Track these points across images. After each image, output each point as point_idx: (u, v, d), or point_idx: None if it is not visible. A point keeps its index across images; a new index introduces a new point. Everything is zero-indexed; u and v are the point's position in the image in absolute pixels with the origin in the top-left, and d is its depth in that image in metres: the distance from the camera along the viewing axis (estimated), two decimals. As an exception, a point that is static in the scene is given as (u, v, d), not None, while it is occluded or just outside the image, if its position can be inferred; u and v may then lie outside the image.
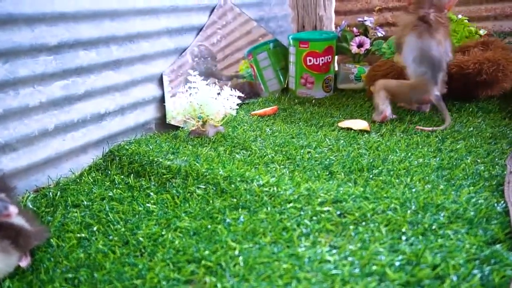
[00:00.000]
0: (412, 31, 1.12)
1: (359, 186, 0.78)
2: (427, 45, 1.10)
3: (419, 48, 1.11)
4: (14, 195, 0.75)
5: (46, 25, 0.90)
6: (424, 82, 1.11)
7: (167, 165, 0.90)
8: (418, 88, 1.12)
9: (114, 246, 0.66)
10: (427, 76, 1.10)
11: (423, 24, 1.11)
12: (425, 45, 1.10)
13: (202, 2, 1.31)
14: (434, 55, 1.10)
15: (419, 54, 1.11)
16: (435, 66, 1.10)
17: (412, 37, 1.12)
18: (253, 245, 0.63)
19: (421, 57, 1.11)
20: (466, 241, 0.58)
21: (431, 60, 1.10)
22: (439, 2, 1.11)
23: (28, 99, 0.89)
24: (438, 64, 1.10)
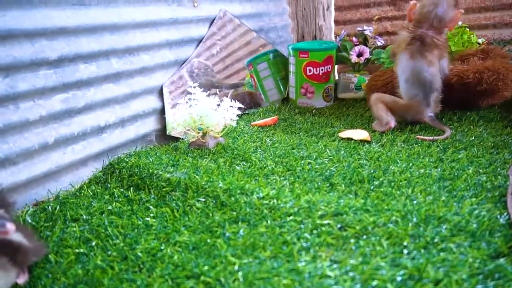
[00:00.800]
0: (405, 50, 1.12)
1: (359, 198, 0.77)
2: (418, 66, 1.10)
3: (410, 69, 1.11)
4: (13, 210, 0.75)
5: (46, 39, 0.91)
6: (416, 103, 1.11)
7: (167, 177, 0.89)
8: (411, 109, 1.12)
9: (113, 262, 0.66)
10: (419, 97, 1.11)
11: (417, 43, 1.11)
12: (416, 65, 1.10)
13: (201, 14, 1.32)
14: (425, 77, 1.10)
15: (411, 75, 1.11)
16: (427, 87, 1.10)
17: (404, 56, 1.13)
18: (253, 260, 0.62)
19: (412, 78, 1.11)
20: (469, 255, 0.57)
21: (423, 81, 1.10)
22: (438, 24, 1.11)
23: (28, 113, 0.89)
24: (430, 85, 1.10)
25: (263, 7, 1.61)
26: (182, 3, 1.25)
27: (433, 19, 1.10)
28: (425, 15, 1.11)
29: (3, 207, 0.67)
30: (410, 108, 1.13)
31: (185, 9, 1.26)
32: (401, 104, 1.14)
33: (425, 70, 1.10)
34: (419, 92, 1.10)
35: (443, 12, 1.09)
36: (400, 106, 1.14)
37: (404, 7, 1.65)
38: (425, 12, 1.11)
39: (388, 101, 1.15)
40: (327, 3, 1.75)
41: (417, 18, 1.13)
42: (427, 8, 1.10)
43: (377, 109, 1.15)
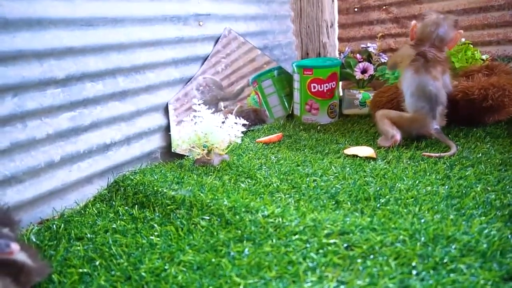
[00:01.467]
0: (409, 66, 1.14)
1: (366, 216, 0.76)
2: (423, 80, 1.12)
3: (416, 83, 1.12)
4: (18, 228, 0.75)
5: (55, 59, 0.93)
6: (422, 116, 1.12)
7: (172, 195, 0.89)
8: (417, 122, 1.13)
9: (116, 282, 0.65)
10: (425, 110, 1.11)
11: (421, 60, 1.13)
12: (421, 80, 1.12)
13: (206, 33, 1.34)
14: (431, 90, 1.11)
15: (416, 89, 1.12)
16: (432, 100, 1.11)
17: (409, 72, 1.14)
18: (258, 280, 0.61)
19: (418, 92, 1.12)
20: (480, 277, 0.55)
21: (429, 95, 1.11)
22: (439, 43, 1.14)
23: (36, 131, 0.90)
24: (435, 99, 1.11)
25: (268, 25, 1.63)
26: (187, 22, 1.27)
27: (435, 39, 1.13)
28: (427, 34, 1.14)
29: (8, 226, 0.67)
30: (416, 121, 1.13)
31: (190, 28, 1.28)
32: (406, 118, 1.14)
33: (431, 84, 1.11)
34: (425, 105, 1.11)
35: (444, 32, 1.13)
36: (406, 120, 1.14)
37: (407, 24, 1.66)
38: (428, 32, 1.14)
39: (393, 116, 1.16)
40: (330, 20, 1.77)
41: (419, 36, 1.16)
42: (430, 28, 1.13)
43: (383, 124, 1.16)
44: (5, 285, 0.58)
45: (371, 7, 1.72)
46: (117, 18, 1.06)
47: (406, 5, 1.64)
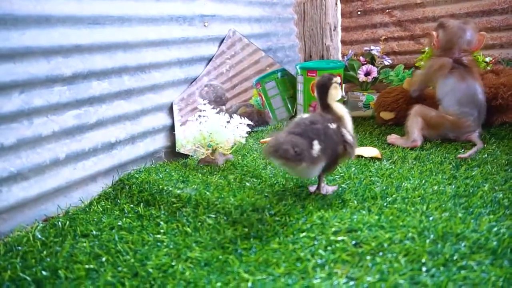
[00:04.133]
0: (450, 74, 1.14)
1: (373, 214, 0.76)
2: (472, 88, 1.12)
3: (463, 90, 1.13)
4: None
5: (62, 57, 0.93)
6: (468, 123, 1.12)
7: (177, 193, 0.89)
8: (460, 127, 1.13)
9: (123, 278, 0.64)
10: (473, 118, 1.11)
11: (460, 67, 1.14)
12: (470, 88, 1.12)
13: (211, 34, 1.35)
14: (480, 99, 1.12)
15: (464, 96, 1.12)
16: (481, 109, 1.12)
17: (452, 80, 1.14)
18: (267, 277, 0.61)
19: (466, 99, 1.12)
20: (491, 273, 0.55)
21: (478, 103, 1.12)
22: (467, 47, 1.16)
23: (42, 128, 0.90)
24: (484, 107, 1.13)
25: (271, 27, 1.64)
26: (193, 23, 1.28)
27: (463, 43, 1.15)
28: (455, 41, 1.15)
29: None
30: (459, 125, 1.12)
31: (196, 28, 1.29)
32: (450, 120, 1.13)
33: (480, 92, 1.12)
34: (474, 112, 1.12)
35: (471, 36, 1.16)
36: (449, 122, 1.13)
37: (409, 27, 1.67)
38: (456, 38, 1.15)
39: (433, 115, 1.15)
40: (334, 23, 1.78)
41: (445, 45, 1.17)
42: (457, 34, 1.15)
43: (413, 123, 1.15)
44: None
45: (374, 10, 1.73)
46: (124, 17, 1.06)
47: (409, 8, 1.65)
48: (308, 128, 0.79)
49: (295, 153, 0.73)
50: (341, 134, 0.82)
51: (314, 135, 0.78)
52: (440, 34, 1.18)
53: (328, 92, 0.87)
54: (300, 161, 0.74)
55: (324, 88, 0.87)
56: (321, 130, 0.79)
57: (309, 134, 0.78)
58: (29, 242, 0.76)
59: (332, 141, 0.80)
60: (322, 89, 0.87)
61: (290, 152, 0.72)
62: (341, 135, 0.82)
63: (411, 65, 1.58)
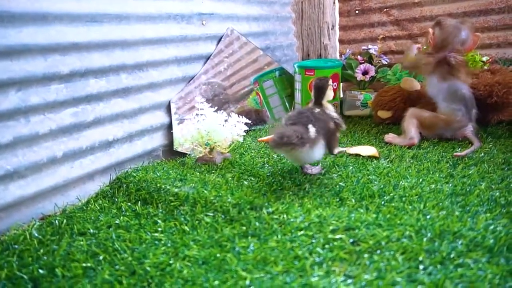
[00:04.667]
0: (433, 74, 1.16)
1: (371, 212, 0.76)
2: (454, 85, 1.13)
3: (445, 89, 1.14)
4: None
5: (59, 54, 0.92)
6: (457, 118, 1.13)
7: (175, 192, 0.89)
8: (453, 124, 1.14)
9: (121, 276, 0.64)
10: (461, 113, 1.12)
11: (444, 66, 1.15)
12: (451, 86, 1.13)
13: (209, 32, 1.35)
14: (465, 94, 1.13)
15: (448, 94, 1.14)
16: (468, 103, 1.13)
17: (434, 79, 1.16)
18: (265, 275, 0.61)
19: (450, 96, 1.14)
20: (488, 271, 0.55)
21: (463, 98, 1.13)
22: (461, 47, 1.16)
23: (39, 126, 0.90)
24: (471, 101, 1.14)
25: (269, 26, 1.64)
26: (191, 21, 1.27)
27: (457, 43, 1.15)
28: (450, 39, 1.16)
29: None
30: (452, 123, 1.14)
31: (194, 27, 1.28)
32: (442, 119, 1.15)
33: (462, 88, 1.13)
34: (461, 107, 1.13)
35: (466, 36, 1.16)
36: (442, 121, 1.15)
37: (407, 26, 1.67)
38: (451, 37, 1.15)
39: (427, 116, 1.17)
40: (331, 22, 1.78)
41: (440, 43, 1.17)
42: (452, 33, 1.15)
43: (410, 123, 1.16)
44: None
45: (372, 9, 1.73)
46: (122, 15, 1.06)
47: (406, 7, 1.65)
48: (298, 117, 0.92)
49: (297, 138, 0.84)
50: (327, 113, 0.96)
51: (306, 121, 0.90)
52: (436, 32, 1.18)
53: (325, 93, 0.99)
54: (303, 144, 0.85)
55: (323, 90, 0.99)
56: (310, 115, 0.92)
57: (302, 121, 0.90)
58: (26, 241, 0.76)
59: (322, 121, 0.92)
60: (321, 90, 0.99)
61: (293, 137, 0.83)
62: (327, 115, 0.95)
63: (408, 64, 1.58)
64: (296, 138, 0.83)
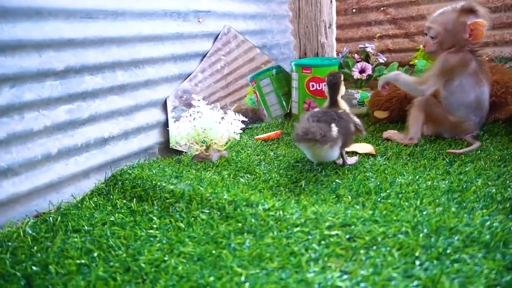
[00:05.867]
0: (468, 74, 1.06)
1: (367, 209, 0.76)
2: (484, 92, 1.08)
3: (475, 95, 1.08)
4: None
5: (54, 50, 0.92)
6: (468, 127, 1.09)
7: (170, 189, 0.88)
8: (459, 129, 1.10)
9: (115, 273, 0.63)
10: (474, 123, 1.09)
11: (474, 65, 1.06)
12: (482, 92, 1.08)
13: (206, 30, 1.34)
14: (486, 104, 1.09)
15: (474, 101, 1.08)
16: (484, 112, 1.10)
17: (468, 81, 1.07)
18: (260, 271, 0.60)
19: (475, 104, 1.09)
20: (484, 266, 0.55)
21: (483, 107, 1.09)
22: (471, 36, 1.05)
23: (33, 123, 0.89)
24: (486, 111, 1.10)
25: (266, 24, 1.63)
26: (187, 19, 1.27)
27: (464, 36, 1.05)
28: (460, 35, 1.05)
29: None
30: (459, 127, 1.10)
31: (190, 24, 1.28)
32: (451, 121, 1.10)
33: (487, 98, 1.08)
34: (477, 117, 1.09)
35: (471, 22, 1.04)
36: (450, 123, 1.10)
37: (404, 25, 1.68)
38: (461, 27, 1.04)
39: (437, 112, 1.10)
40: (329, 21, 1.78)
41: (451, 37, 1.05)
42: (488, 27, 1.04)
43: (414, 119, 1.11)
44: None
45: (369, 8, 1.74)
46: (118, 11, 1.05)
47: (404, 6, 1.66)
48: (323, 115, 0.95)
49: (321, 135, 0.87)
50: (350, 116, 1.00)
51: (330, 120, 0.93)
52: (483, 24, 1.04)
53: (339, 88, 1.01)
54: (325, 142, 0.89)
55: (337, 86, 1.01)
56: (334, 115, 0.95)
57: (326, 119, 0.93)
58: (19, 238, 0.75)
59: (345, 123, 0.95)
60: (335, 86, 1.01)
61: (317, 134, 0.87)
62: (350, 117, 0.99)
63: (405, 63, 1.59)
64: (319, 135, 0.87)
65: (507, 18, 1.46)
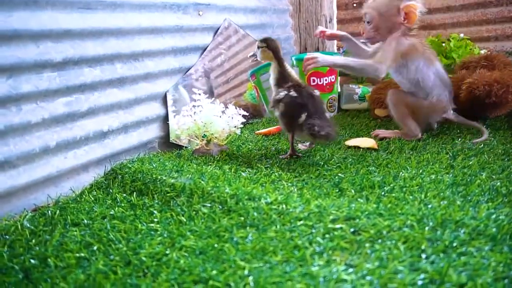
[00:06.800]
0: (421, 56, 1.07)
1: (371, 202, 0.75)
2: (438, 68, 1.11)
3: (434, 73, 1.09)
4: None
5: (51, 41, 0.90)
6: (442, 103, 1.10)
7: (171, 183, 0.87)
8: (437, 109, 1.11)
9: (116, 266, 0.62)
10: (445, 97, 1.10)
11: (426, 48, 1.10)
12: (438, 69, 1.10)
13: (206, 23, 1.32)
14: (446, 76, 1.11)
15: (436, 78, 1.10)
16: (450, 86, 1.12)
17: (421, 62, 1.07)
18: (264, 264, 0.59)
19: (438, 80, 1.10)
20: (491, 259, 0.54)
21: (447, 82, 1.11)
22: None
23: (31, 115, 0.87)
24: (450, 83, 1.13)
25: (267, 18, 1.62)
26: (187, 11, 1.25)
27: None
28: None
29: None
30: (435, 109, 1.11)
31: (190, 17, 1.26)
32: (426, 106, 1.10)
33: (444, 71, 1.11)
34: (446, 92, 1.11)
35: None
36: (426, 108, 1.10)
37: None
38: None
39: (410, 101, 1.10)
40: (329, 15, 1.76)
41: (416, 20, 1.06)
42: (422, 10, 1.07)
43: (403, 116, 1.11)
44: None
45: (370, 2, 1.72)
46: (117, 2, 1.04)
47: (405, 1, 1.64)
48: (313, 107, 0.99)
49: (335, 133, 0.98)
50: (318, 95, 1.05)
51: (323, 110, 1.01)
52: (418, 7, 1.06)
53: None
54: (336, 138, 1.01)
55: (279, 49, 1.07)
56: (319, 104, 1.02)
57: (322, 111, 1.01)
58: (17, 231, 0.74)
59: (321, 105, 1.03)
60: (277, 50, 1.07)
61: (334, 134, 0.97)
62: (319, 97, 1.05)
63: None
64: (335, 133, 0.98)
65: (509, 12, 1.45)
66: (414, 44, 1.09)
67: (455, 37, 1.43)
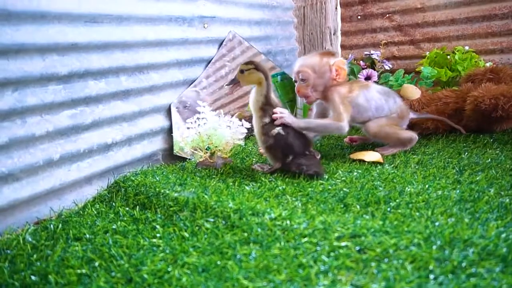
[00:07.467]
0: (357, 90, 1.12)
1: (377, 219, 0.73)
2: (375, 86, 1.16)
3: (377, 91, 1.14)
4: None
5: (57, 54, 0.91)
6: (401, 108, 1.15)
7: (174, 197, 0.86)
8: (402, 115, 1.15)
9: (117, 284, 0.61)
10: (399, 102, 1.16)
11: (354, 81, 1.20)
12: (374, 87, 1.15)
13: (211, 35, 1.33)
14: (385, 88, 1.18)
15: (381, 93, 1.14)
16: (392, 94, 1.17)
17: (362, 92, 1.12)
18: (267, 283, 0.58)
19: (385, 94, 1.15)
20: (502, 281, 0.53)
21: (388, 92, 1.16)
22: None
23: (35, 128, 0.87)
24: (393, 90, 1.20)
25: (271, 30, 1.63)
26: (192, 24, 1.26)
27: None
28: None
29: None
30: (401, 115, 1.16)
31: (195, 29, 1.27)
32: (395, 118, 1.15)
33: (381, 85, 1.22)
34: (395, 99, 1.17)
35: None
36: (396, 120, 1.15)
37: (409, 32, 1.66)
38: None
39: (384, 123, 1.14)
40: (334, 28, 1.77)
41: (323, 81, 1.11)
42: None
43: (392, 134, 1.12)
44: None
45: (374, 15, 1.73)
46: (122, 16, 1.04)
47: (409, 13, 1.65)
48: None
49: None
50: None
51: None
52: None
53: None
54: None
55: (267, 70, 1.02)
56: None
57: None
58: (18, 245, 0.73)
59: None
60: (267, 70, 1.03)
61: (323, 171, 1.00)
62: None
63: (411, 70, 1.57)
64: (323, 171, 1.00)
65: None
66: (346, 86, 1.13)
67: (460, 49, 1.42)
